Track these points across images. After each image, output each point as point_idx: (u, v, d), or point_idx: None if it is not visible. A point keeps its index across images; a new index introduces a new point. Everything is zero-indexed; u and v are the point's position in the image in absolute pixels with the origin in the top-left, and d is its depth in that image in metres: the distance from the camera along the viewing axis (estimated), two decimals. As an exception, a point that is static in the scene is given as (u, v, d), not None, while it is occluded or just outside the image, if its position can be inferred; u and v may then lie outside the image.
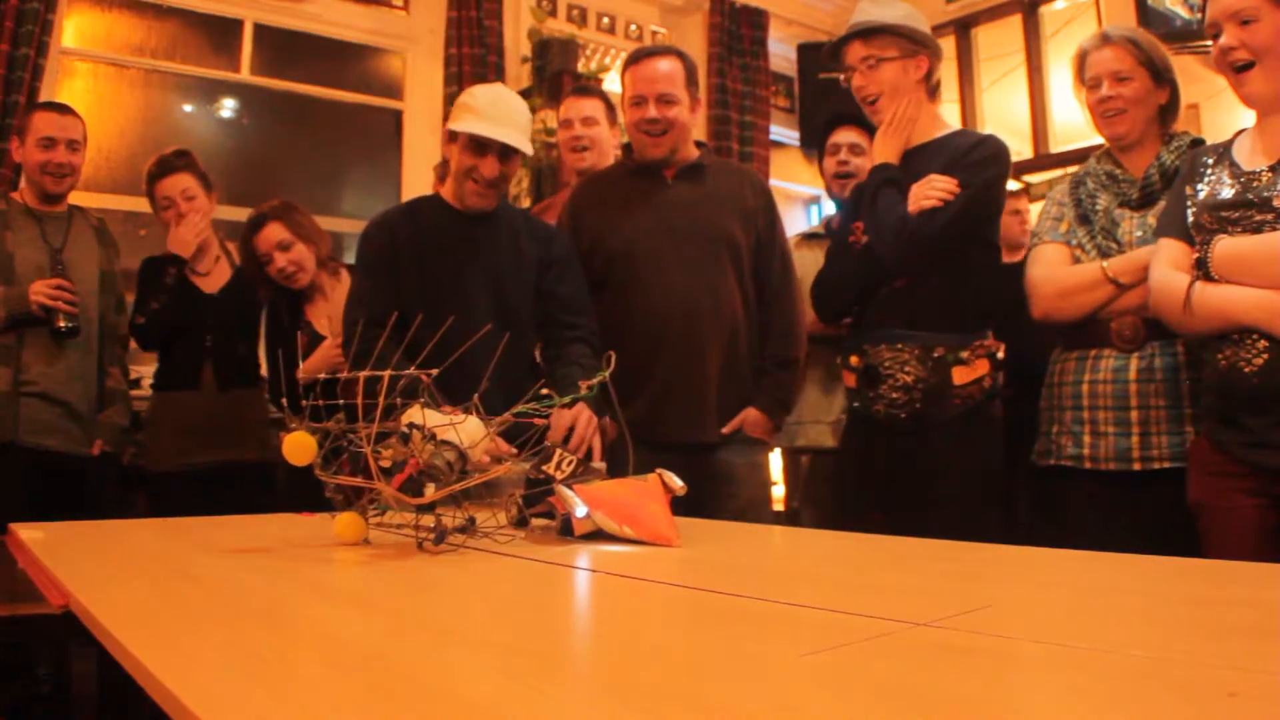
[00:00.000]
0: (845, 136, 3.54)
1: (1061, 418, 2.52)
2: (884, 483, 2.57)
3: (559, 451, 1.91)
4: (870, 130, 3.53)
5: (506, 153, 2.68)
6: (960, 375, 2.50)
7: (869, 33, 2.63)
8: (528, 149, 2.72)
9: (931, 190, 2.52)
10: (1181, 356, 2.37)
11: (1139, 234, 2.43)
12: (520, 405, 1.72)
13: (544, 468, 1.87)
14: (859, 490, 2.68)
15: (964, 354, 2.51)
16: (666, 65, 2.96)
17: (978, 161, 2.58)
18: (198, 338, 3.33)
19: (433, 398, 1.60)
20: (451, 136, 2.72)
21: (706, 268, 2.93)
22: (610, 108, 3.58)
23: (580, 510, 1.61)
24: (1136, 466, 2.38)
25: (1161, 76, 2.49)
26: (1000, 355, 2.66)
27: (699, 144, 3.12)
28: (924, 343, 2.50)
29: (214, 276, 3.39)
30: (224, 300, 3.38)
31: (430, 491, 1.47)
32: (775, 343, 3.02)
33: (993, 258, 2.69)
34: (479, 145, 2.66)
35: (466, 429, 1.54)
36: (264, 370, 3.63)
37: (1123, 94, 2.48)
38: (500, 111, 2.66)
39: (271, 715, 0.70)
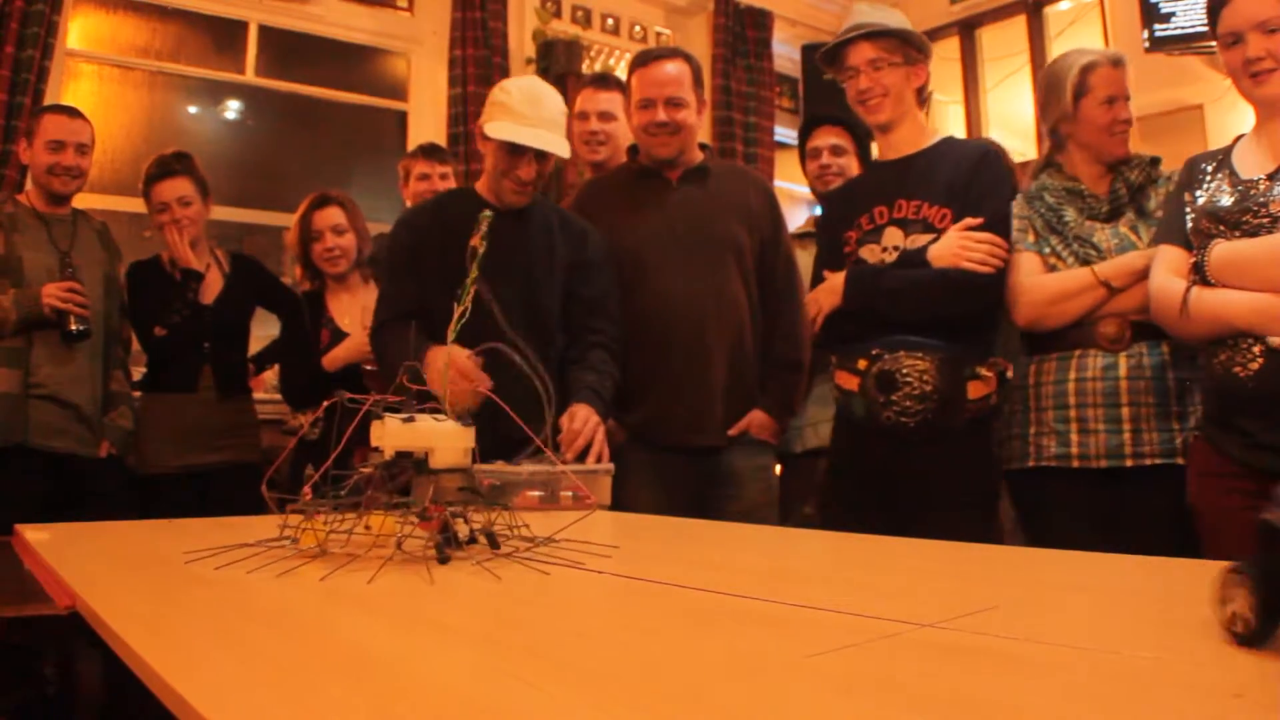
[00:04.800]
0: (824, 139, 3.56)
1: (1042, 419, 2.51)
2: (883, 489, 2.54)
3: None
4: (850, 130, 3.54)
5: (543, 153, 2.66)
6: (974, 389, 2.48)
7: (876, 35, 2.61)
8: (564, 152, 2.70)
9: (977, 254, 2.48)
10: (1166, 356, 2.39)
11: (1115, 242, 2.46)
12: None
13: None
14: (857, 496, 2.65)
15: (981, 369, 2.50)
16: (674, 68, 2.96)
17: (989, 183, 2.56)
18: (196, 344, 3.34)
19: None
20: (487, 135, 2.69)
21: (711, 271, 2.93)
22: (629, 101, 3.55)
23: None
24: (1129, 463, 2.39)
25: None
26: (1009, 373, 2.65)
27: (703, 146, 3.12)
28: (946, 352, 2.47)
29: (207, 284, 3.40)
30: (219, 309, 3.40)
31: (463, 528, 1.47)
32: (780, 345, 3.02)
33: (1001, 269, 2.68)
34: (515, 147, 2.64)
35: (443, 433, 1.53)
36: (254, 372, 3.67)
37: (1130, 117, 2.53)
38: (535, 111, 2.63)
39: (278, 717, 0.70)
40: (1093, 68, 2.55)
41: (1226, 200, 2.17)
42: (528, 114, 2.62)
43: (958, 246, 2.48)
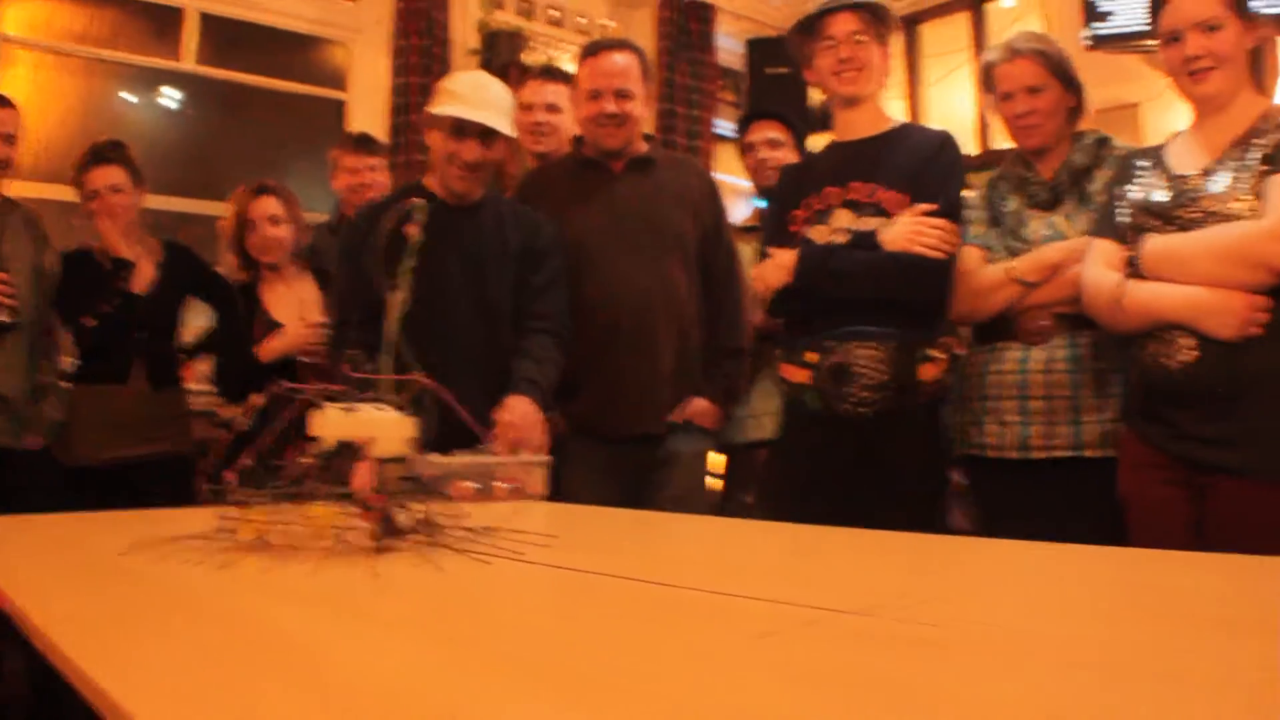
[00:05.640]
0: (761, 133, 3.60)
1: (969, 408, 2.56)
2: (838, 478, 2.52)
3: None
4: (786, 123, 3.58)
5: (487, 136, 2.67)
6: (927, 372, 2.49)
7: (860, 7, 2.59)
8: (509, 130, 2.72)
9: (929, 239, 2.47)
10: (1083, 349, 2.41)
11: (1045, 233, 2.49)
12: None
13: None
14: (809, 486, 2.63)
15: (932, 350, 2.51)
16: (623, 59, 2.96)
17: (946, 170, 2.56)
18: (128, 335, 3.29)
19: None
20: (431, 123, 2.71)
21: (656, 260, 2.93)
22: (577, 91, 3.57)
23: None
24: (1037, 455, 2.42)
25: (1071, 82, 2.54)
26: (958, 351, 2.68)
27: (647, 137, 3.12)
28: (898, 340, 2.47)
29: (139, 273, 3.34)
30: (151, 299, 3.34)
31: (403, 518, 1.46)
32: (723, 333, 3.03)
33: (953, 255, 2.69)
34: (459, 129, 2.66)
35: (384, 422, 1.52)
36: (187, 363, 3.63)
37: (1038, 107, 2.51)
38: (480, 95, 2.68)
39: (209, 713, 0.70)
40: (991, 66, 2.59)
41: (1160, 195, 2.20)
42: (471, 97, 2.66)
43: (911, 231, 2.47)
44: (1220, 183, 2.12)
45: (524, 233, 2.82)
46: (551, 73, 3.60)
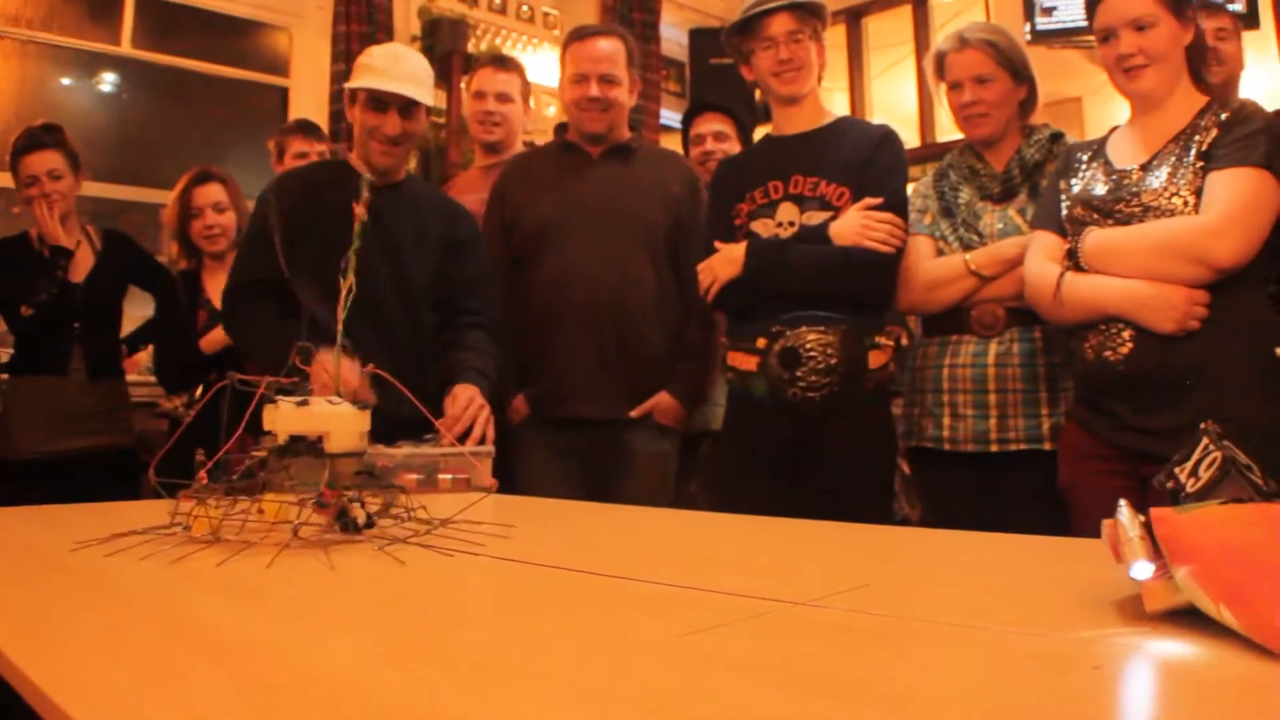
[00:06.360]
0: (708, 125, 3.63)
1: (923, 400, 2.59)
2: (786, 467, 2.53)
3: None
4: (732, 116, 3.62)
5: (408, 109, 2.65)
6: (874, 359, 2.50)
7: (797, 7, 2.61)
8: (429, 100, 2.69)
9: (878, 233, 2.49)
10: (1038, 343, 2.45)
11: (1000, 226, 2.52)
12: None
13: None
14: (755, 476, 2.62)
15: (879, 338, 2.53)
16: (609, 45, 2.99)
17: (890, 165, 2.58)
18: (66, 324, 3.24)
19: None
20: (352, 99, 2.68)
21: (617, 248, 2.94)
22: (526, 85, 3.56)
23: (1144, 569, 0.84)
24: (994, 448, 2.45)
25: (1020, 74, 2.56)
26: (904, 340, 2.70)
27: (632, 127, 3.14)
28: (848, 325, 2.47)
29: (78, 262, 3.29)
30: (90, 288, 3.29)
31: (359, 513, 1.44)
32: (693, 328, 3.04)
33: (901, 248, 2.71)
34: (379, 103, 2.63)
35: (338, 416, 1.50)
36: (127, 354, 3.58)
37: (985, 98, 2.54)
38: (398, 68, 2.64)
39: (147, 708, 0.69)
40: (942, 55, 2.61)
41: (1101, 189, 2.23)
42: (388, 70, 2.63)
43: (860, 225, 2.49)
44: (1159, 178, 2.15)
45: (445, 221, 2.80)
46: (503, 62, 3.60)
